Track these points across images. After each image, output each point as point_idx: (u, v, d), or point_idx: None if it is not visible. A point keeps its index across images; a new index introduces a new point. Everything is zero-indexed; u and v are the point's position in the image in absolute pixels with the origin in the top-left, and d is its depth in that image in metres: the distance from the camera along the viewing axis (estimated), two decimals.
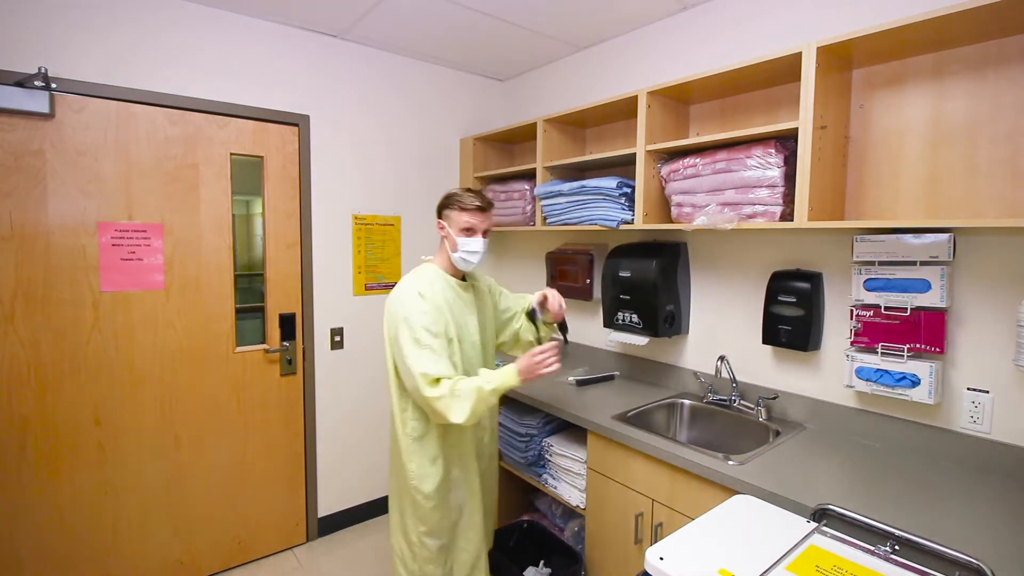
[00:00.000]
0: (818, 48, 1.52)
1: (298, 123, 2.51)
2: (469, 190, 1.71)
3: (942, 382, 1.55)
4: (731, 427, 1.99)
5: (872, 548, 1.11)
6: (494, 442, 1.94)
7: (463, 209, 1.66)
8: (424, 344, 1.53)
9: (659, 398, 2.16)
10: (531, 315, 1.86)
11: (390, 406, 1.69)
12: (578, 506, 2.03)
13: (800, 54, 1.55)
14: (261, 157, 2.43)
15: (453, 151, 3.07)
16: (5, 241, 1.91)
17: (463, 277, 1.78)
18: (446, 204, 1.71)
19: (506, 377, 1.54)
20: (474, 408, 1.48)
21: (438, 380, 1.50)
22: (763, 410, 1.92)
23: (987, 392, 1.49)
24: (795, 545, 1.12)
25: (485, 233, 1.69)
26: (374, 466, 2.86)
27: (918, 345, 1.55)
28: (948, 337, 1.54)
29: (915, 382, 1.55)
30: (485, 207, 1.68)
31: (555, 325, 1.89)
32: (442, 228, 1.72)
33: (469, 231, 1.66)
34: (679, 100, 2.12)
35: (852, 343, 1.69)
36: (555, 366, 1.56)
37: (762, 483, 1.41)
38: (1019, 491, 1.38)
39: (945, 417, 1.57)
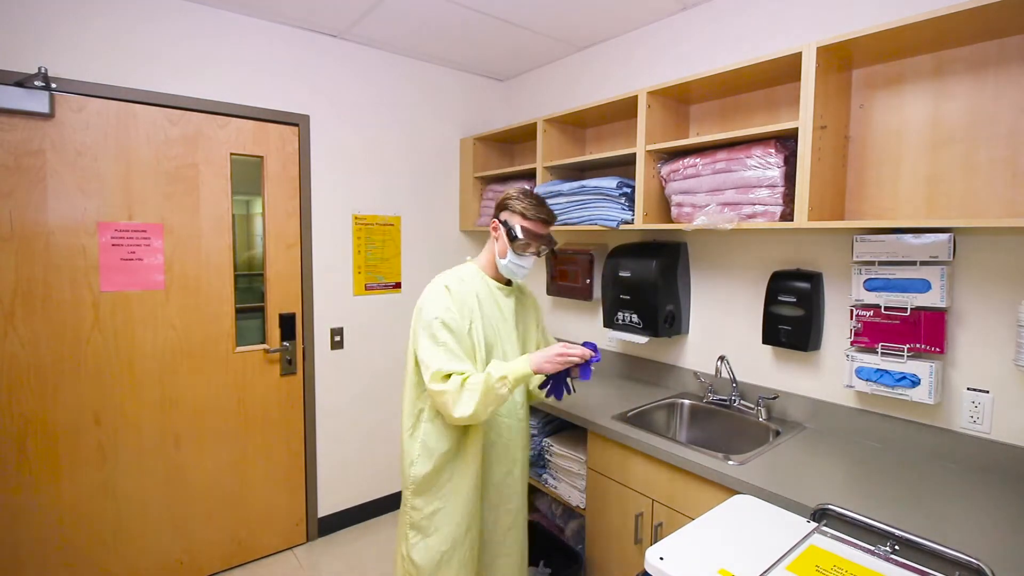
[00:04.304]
0: (818, 48, 1.52)
1: (298, 123, 2.51)
2: (532, 195, 1.55)
3: (942, 382, 1.55)
4: (731, 427, 1.99)
5: (872, 548, 1.11)
6: (524, 480, 1.72)
7: (525, 216, 1.51)
8: (440, 341, 1.44)
9: (659, 398, 2.16)
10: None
11: (401, 398, 1.61)
12: (578, 506, 2.03)
13: (800, 54, 1.55)
14: (261, 157, 2.43)
15: (453, 151, 3.07)
16: (5, 241, 1.91)
17: (508, 282, 1.65)
18: (506, 205, 1.55)
19: (518, 365, 1.41)
20: (482, 399, 1.36)
21: (449, 376, 1.40)
22: (763, 410, 1.92)
23: (987, 392, 1.49)
24: (795, 545, 1.12)
25: (541, 251, 1.56)
26: (374, 466, 2.86)
27: (918, 345, 1.55)
28: (948, 337, 1.54)
29: (915, 382, 1.55)
30: (550, 220, 1.55)
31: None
32: (496, 230, 1.56)
33: (524, 245, 1.52)
34: (679, 100, 2.12)
35: (852, 343, 1.69)
36: (572, 359, 1.43)
37: (762, 483, 1.41)
38: (1019, 491, 1.38)
39: (945, 417, 1.57)
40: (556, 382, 1.53)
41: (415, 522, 1.54)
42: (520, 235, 1.50)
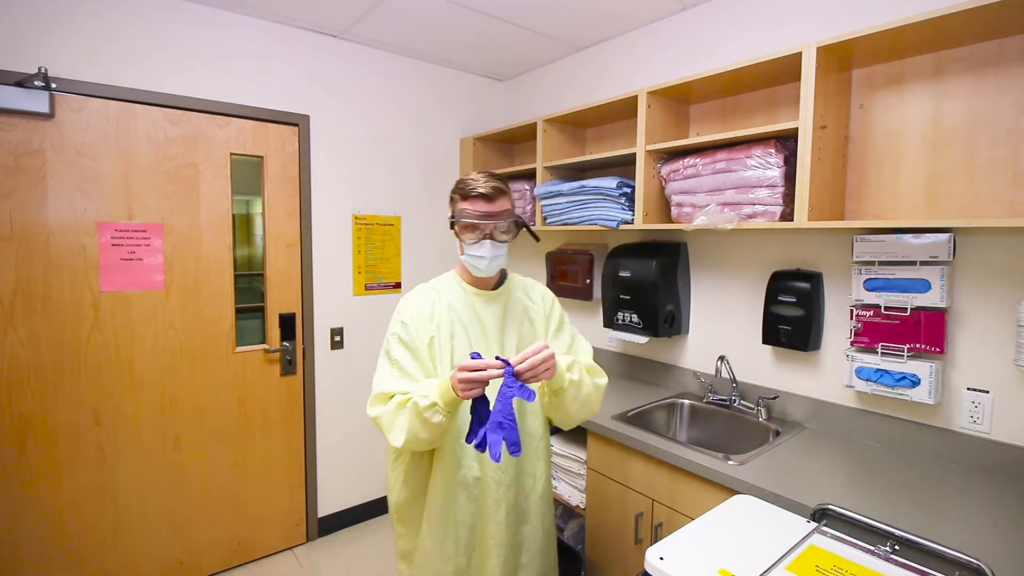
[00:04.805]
0: (818, 48, 1.52)
1: (298, 123, 2.50)
2: (485, 173, 1.34)
3: (942, 382, 1.55)
4: (731, 427, 1.99)
5: (872, 548, 1.10)
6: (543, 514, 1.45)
7: (463, 196, 1.30)
8: (393, 359, 1.28)
9: (659, 398, 2.16)
10: None
11: None
12: (578, 506, 2.03)
13: (800, 54, 1.56)
14: (261, 157, 2.43)
15: (453, 151, 3.07)
16: (5, 241, 1.91)
17: (496, 284, 1.41)
18: (453, 191, 1.35)
19: (442, 389, 1.14)
20: (413, 427, 1.16)
21: (391, 397, 1.23)
22: (763, 410, 1.92)
23: (987, 392, 1.49)
24: (795, 545, 1.12)
25: (496, 233, 1.29)
26: (374, 466, 2.86)
27: (918, 345, 1.55)
28: (948, 337, 1.54)
29: (915, 382, 1.55)
30: (491, 194, 1.27)
31: None
32: (452, 224, 1.34)
33: (471, 229, 1.29)
34: (679, 100, 2.12)
35: (852, 343, 1.69)
36: (477, 389, 1.12)
37: (762, 483, 1.41)
38: (1019, 491, 1.38)
39: (945, 417, 1.57)
40: (479, 420, 1.13)
41: (401, 550, 1.43)
42: (460, 218, 1.29)
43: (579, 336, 1.50)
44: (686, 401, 2.14)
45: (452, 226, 1.33)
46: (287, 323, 2.53)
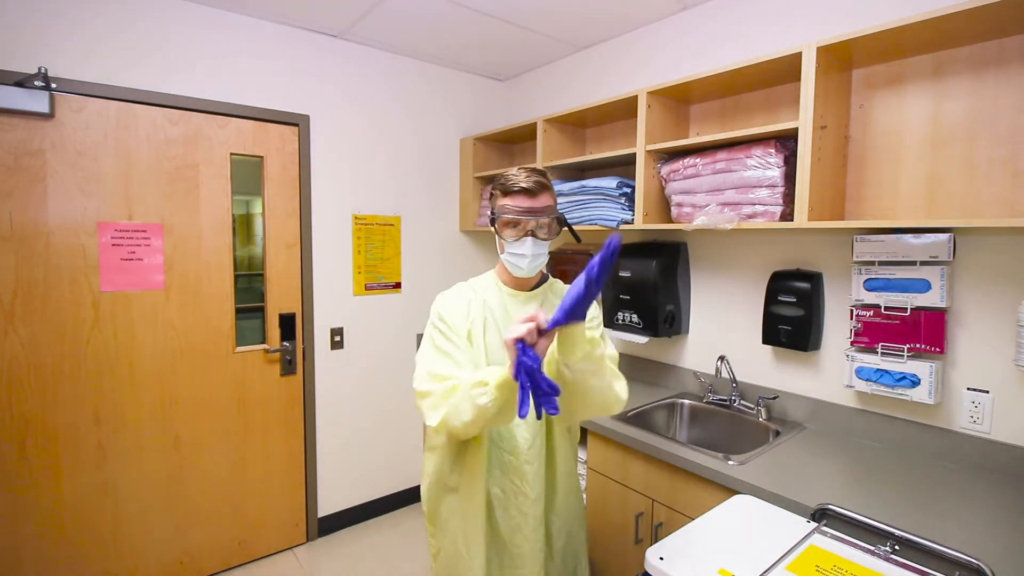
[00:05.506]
0: (818, 48, 1.52)
1: (298, 123, 2.50)
2: (527, 168, 1.27)
3: (942, 382, 1.55)
4: (731, 427, 1.99)
5: (872, 548, 1.11)
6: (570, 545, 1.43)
7: (505, 192, 1.24)
8: (437, 344, 1.25)
9: (659, 398, 2.16)
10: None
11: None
12: None
13: (800, 54, 1.56)
14: (261, 157, 2.43)
15: (453, 151, 3.07)
16: (5, 241, 1.91)
17: (534, 286, 1.35)
18: (493, 187, 1.29)
19: (497, 372, 1.07)
20: (452, 405, 1.11)
21: (443, 378, 1.18)
22: (763, 410, 1.92)
23: (987, 392, 1.49)
24: (795, 545, 1.12)
25: (538, 231, 1.23)
26: (374, 466, 2.86)
27: (918, 345, 1.55)
28: (948, 337, 1.54)
29: (915, 382, 1.55)
30: (533, 188, 1.21)
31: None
32: (492, 221, 1.29)
33: (511, 225, 1.23)
34: (679, 100, 2.12)
35: (852, 343, 1.69)
36: (522, 329, 0.97)
37: (762, 483, 1.41)
38: (1019, 491, 1.38)
39: (945, 417, 1.57)
40: (523, 390, 0.98)
41: (432, 549, 1.43)
42: (500, 214, 1.24)
43: (609, 341, 1.36)
44: (686, 401, 2.14)
45: (492, 223, 1.27)
46: (287, 323, 2.53)
